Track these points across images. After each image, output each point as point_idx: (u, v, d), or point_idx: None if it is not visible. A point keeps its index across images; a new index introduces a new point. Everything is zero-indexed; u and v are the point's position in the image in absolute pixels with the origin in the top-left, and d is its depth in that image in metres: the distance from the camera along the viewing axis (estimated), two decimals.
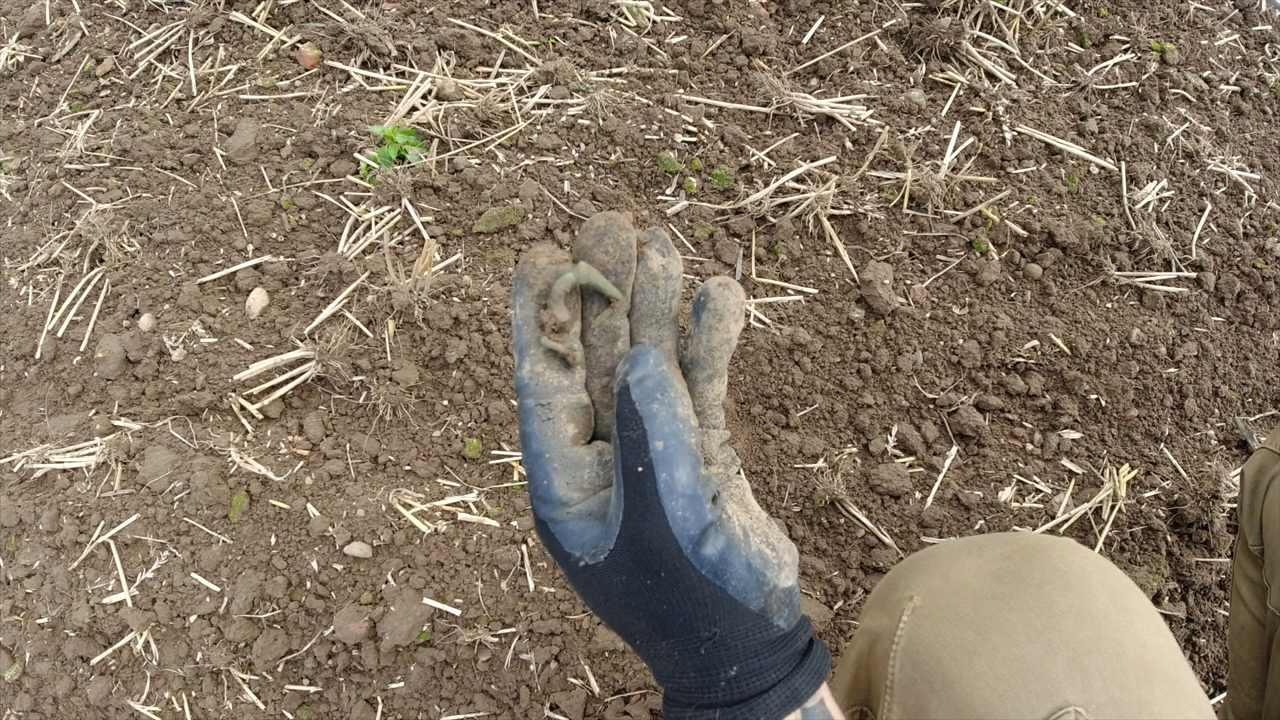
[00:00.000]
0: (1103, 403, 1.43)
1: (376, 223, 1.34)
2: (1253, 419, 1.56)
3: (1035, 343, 1.42)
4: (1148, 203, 1.56)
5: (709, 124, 1.47)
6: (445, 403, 1.25)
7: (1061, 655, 0.58)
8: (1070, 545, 0.67)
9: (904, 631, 0.66)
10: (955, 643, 0.62)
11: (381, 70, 1.50)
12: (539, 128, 1.43)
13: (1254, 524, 0.94)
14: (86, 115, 1.53)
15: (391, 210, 1.34)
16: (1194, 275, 1.56)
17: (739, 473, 0.54)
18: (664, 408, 0.46)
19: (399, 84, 1.48)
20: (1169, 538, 1.37)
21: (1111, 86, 1.71)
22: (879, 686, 0.67)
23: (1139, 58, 1.77)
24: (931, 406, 1.37)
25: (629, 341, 0.51)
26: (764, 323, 1.34)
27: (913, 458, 1.34)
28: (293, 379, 1.24)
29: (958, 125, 1.55)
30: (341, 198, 1.37)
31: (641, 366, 0.47)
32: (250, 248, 1.34)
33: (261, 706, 1.10)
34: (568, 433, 0.49)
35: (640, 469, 0.45)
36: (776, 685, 0.49)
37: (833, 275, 1.40)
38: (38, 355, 1.31)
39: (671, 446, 0.45)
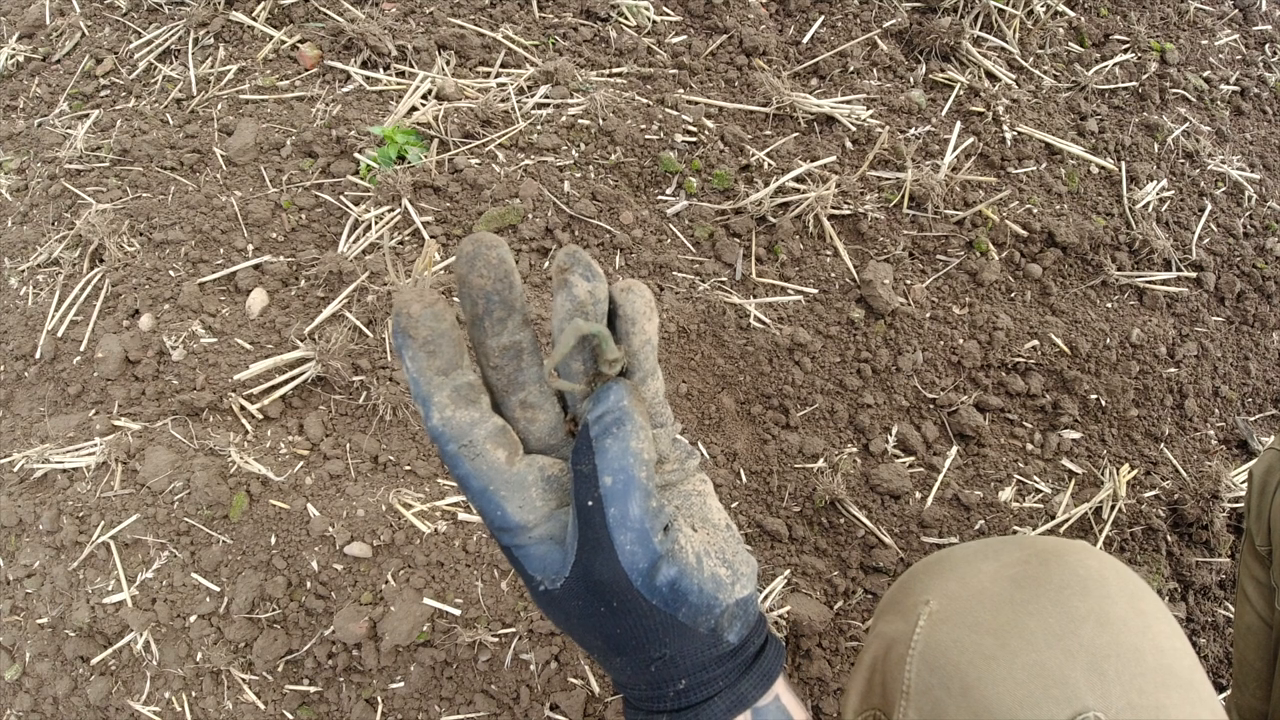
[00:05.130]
0: (1103, 403, 1.43)
1: (376, 223, 1.34)
2: (1253, 419, 1.56)
3: (1035, 343, 1.42)
4: (1148, 203, 1.56)
5: (709, 124, 1.47)
6: None
7: (1080, 660, 0.58)
8: (1087, 549, 0.67)
9: (920, 636, 0.66)
10: (973, 648, 0.62)
11: (381, 70, 1.50)
12: (539, 128, 1.43)
13: (1261, 525, 0.94)
14: (86, 115, 1.52)
15: (391, 210, 1.34)
16: (1194, 275, 1.56)
17: (699, 468, 0.55)
18: (616, 442, 0.47)
19: (399, 84, 1.48)
20: (1169, 538, 1.37)
21: (1111, 86, 1.71)
22: (894, 691, 0.67)
23: (1139, 58, 1.77)
24: (931, 406, 1.37)
25: (534, 354, 0.51)
26: (764, 323, 1.34)
27: (913, 458, 1.34)
28: (293, 379, 1.24)
29: (958, 125, 1.55)
30: (341, 198, 1.37)
31: (602, 403, 0.48)
32: (250, 248, 1.34)
33: (261, 706, 1.10)
34: (499, 458, 0.49)
35: (590, 503, 0.47)
36: (721, 692, 0.53)
37: (833, 275, 1.40)
38: (38, 355, 1.31)
39: (620, 481, 0.47)
